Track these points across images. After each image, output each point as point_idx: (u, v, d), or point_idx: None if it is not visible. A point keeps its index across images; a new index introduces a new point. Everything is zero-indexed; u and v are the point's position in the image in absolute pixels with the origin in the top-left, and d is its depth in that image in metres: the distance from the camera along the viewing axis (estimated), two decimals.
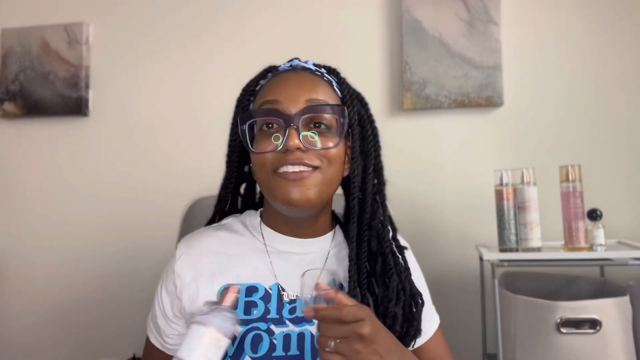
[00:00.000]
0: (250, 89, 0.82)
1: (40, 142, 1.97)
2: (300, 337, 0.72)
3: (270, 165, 0.73)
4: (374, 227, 0.78)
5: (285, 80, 0.77)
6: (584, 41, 1.68)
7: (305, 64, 0.81)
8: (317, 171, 0.72)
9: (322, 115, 0.74)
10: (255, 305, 0.74)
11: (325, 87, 0.78)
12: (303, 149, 0.71)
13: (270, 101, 0.74)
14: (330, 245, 0.82)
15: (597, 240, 1.35)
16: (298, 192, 0.71)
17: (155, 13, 1.93)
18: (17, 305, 1.93)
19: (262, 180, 0.76)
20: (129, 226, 1.87)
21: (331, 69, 0.82)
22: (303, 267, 0.76)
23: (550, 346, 1.24)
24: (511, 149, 1.69)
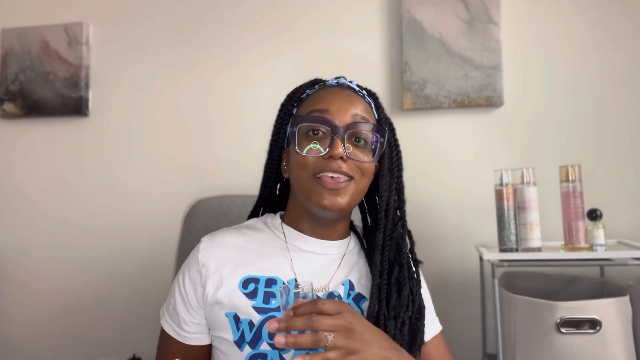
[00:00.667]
0: (296, 96, 0.90)
1: (40, 142, 1.97)
2: None
3: (312, 168, 0.80)
4: (394, 238, 0.86)
5: (334, 93, 0.85)
6: (584, 41, 1.68)
7: (350, 84, 0.89)
8: (352, 182, 0.80)
9: (364, 132, 0.82)
10: (274, 296, 0.80)
11: (367, 107, 0.87)
12: (345, 158, 0.78)
13: (320, 110, 0.82)
14: (345, 250, 0.90)
15: (597, 240, 1.35)
16: (333, 199, 0.79)
17: (156, 13, 1.92)
18: (17, 305, 1.93)
19: (301, 181, 0.82)
20: (130, 226, 1.87)
21: (371, 92, 0.91)
22: (320, 266, 0.85)
23: (550, 346, 1.24)
24: (511, 149, 1.69)
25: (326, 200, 0.78)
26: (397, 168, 0.90)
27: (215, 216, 1.30)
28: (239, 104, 1.82)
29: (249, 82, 1.82)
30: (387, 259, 0.84)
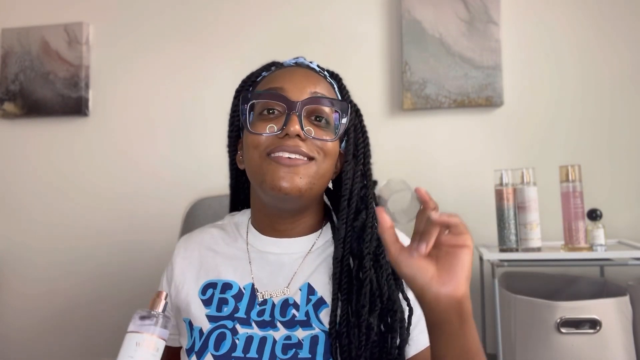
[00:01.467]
0: (251, 80, 0.83)
1: (40, 142, 1.97)
2: (262, 341, 0.72)
3: (265, 147, 0.71)
4: (355, 228, 0.75)
5: (291, 71, 0.77)
6: (584, 41, 1.68)
7: (310, 64, 0.82)
8: (313, 162, 0.72)
9: (324, 109, 0.74)
10: (227, 303, 0.75)
11: (328, 87, 0.79)
12: (303, 137, 0.70)
13: (275, 88, 0.74)
14: (311, 248, 0.79)
15: (597, 240, 1.35)
16: (290, 179, 0.69)
17: (156, 13, 1.92)
18: (17, 305, 1.93)
19: (253, 163, 0.73)
20: (130, 226, 1.87)
21: (334, 74, 0.83)
22: (279, 268, 0.77)
23: (550, 346, 1.24)
24: (511, 149, 1.69)
25: (282, 180, 0.69)
26: (364, 154, 0.80)
27: (215, 216, 1.30)
28: None
29: None
30: (348, 252, 0.74)
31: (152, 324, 0.65)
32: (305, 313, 0.73)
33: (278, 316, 0.73)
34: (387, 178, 0.65)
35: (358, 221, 0.76)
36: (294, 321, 0.73)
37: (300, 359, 0.69)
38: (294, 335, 0.71)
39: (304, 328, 0.72)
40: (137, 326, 0.65)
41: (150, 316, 0.65)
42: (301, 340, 0.71)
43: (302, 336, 0.71)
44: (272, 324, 0.73)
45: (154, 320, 0.65)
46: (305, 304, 0.74)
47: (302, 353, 0.70)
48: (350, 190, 0.77)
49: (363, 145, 0.81)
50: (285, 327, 0.72)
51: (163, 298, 0.67)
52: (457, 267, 0.59)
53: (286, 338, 0.71)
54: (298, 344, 0.71)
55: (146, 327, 0.65)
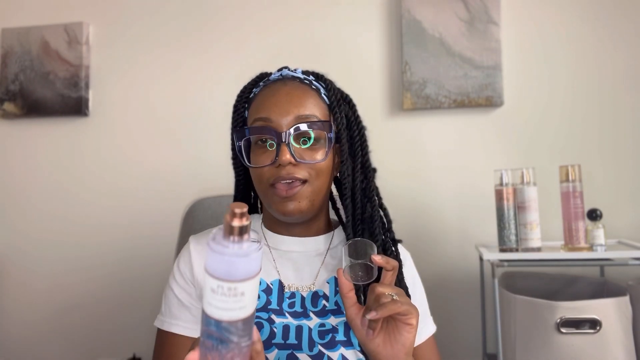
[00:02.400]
0: (245, 96, 0.88)
1: (40, 142, 1.97)
2: (299, 329, 0.76)
3: (267, 180, 0.78)
4: (365, 221, 0.82)
5: (275, 94, 0.81)
6: (584, 41, 1.68)
7: (295, 73, 0.85)
8: (307, 184, 0.78)
9: (309, 131, 0.79)
10: (258, 297, 0.78)
11: (314, 98, 0.82)
12: (294, 162, 0.76)
13: (263, 118, 0.79)
14: (329, 244, 0.86)
15: (597, 240, 1.35)
16: (292, 205, 0.77)
17: (155, 13, 1.92)
18: (18, 305, 1.93)
19: (260, 192, 0.82)
20: (129, 226, 1.87)
21: (319, 76, 0.86)
22: (304, 264, 0.83)
23: (550, 346, 1.24)
24: (511, 149, 1.69)
25: (284, 207, 0.78)
26: (361, 148, 0.84)
27: (214, 216, 1.30)
28: None
29: None
30: None
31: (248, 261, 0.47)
32: (334, 303, 0.80)
33: (310, 306, 0.79)
34: (354, 239, 0.75)
35: (365, 214, 0.82)
36: (325, 310, 0.79)
37: (338, 341, 0.76)
38: (327, 323, 0.77)
39: (336, 316, 0.78)
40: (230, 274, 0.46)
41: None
42: (335, 326, 0.77)
43: (335, 322, 0.78)
44: (305, 314, 0.78)
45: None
46: (334, 295, 0.80)
47: (339, 336, 0.76)
48: (352, 188, 0.82)
49: (359, 138, 0.84)
50: (318, 316, 0.78)
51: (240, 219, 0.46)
52: (398, 343, 0.70)
53: (320, 325, 0.77)
54: (333, 329, 0.77)
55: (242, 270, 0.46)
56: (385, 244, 0.82)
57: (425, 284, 0.93)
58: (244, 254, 0.46)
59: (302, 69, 0.86)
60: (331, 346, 0.75)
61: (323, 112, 0.81)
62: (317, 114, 0.80)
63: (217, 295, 0.46)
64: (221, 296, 0.46)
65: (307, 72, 0.86)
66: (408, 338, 0.69)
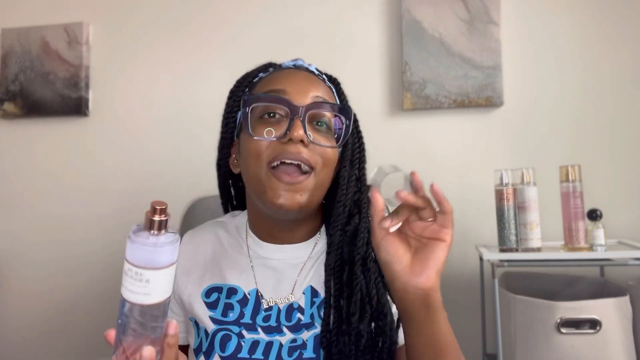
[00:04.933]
0: (247, 81, 0.80)
1: (40, 142, 1.97)
2: (268, 345, 0.72)
3: (266, 156, 0.69)
4: (348, 232, 0.74)
5: (291, 74, 0.75)
6: (584, 41, 1.68)
7: (309, 66, 0.80)
8: (312, 174, 0.70)
9: (326, 114, 0.72)
10: (232, 308, 0.75)
11: (328, 91, 0.78)
12: (306, 142, 0.68)
13: (277, 90, 0.71)
14: (311, 253, 0.80)
15: (597, 240, 1.35)
16: (290, 197, 0.69)
17: (155, 13, 1.92)
18: (17, 305, 1.93)
19: (254, 175, 0.71)
20: (129, 226, 1.86)
21: (332, 78, 0.82)
22: (282, 274, 0.77)
23: (550, 346, 1.24)
24: (511, 149, 1.69)
25: (282, 197, 0.68)
26: (359, 159, 0.79)
27: (214, 215, 1.30)
28: None
29: None
30: (339, 259, 0.73)
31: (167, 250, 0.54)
32: (310, 315, 0.74)
33: (284, 321, 0.74)
34: (378, 165, 0.67)
35: (350, 225, 0.75)
36: (299, 325, 0.73)
37: (305, 359, 0.70)
38: (299, 338, 0.72)
39: (309, 329, 0.73)
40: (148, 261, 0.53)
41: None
42: (305, 341, 0.72)
43: (306, 337, 0.72)
44: (278, 329, 0.73)
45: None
46: (310, 307, 0.75)
47: (307, 353, 0.71)
48: (345, 195, 0.76)
49: (359, 150, 0.80)
50: (291, 331, 0.73)
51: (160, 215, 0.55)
52: (430, 260, 0.62)
53: (292, 341, 0.72)
54: (302, 345, 0.72)
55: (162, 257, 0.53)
56: (367, 258, 0.73)
57: None
58: (155, 246, 0.52)
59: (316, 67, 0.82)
60: None
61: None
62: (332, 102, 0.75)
63: (127, 277, 0.53)
64: (130, 279, 0.53)
65: (320, 71, 0.82)
66: (440, 257, 0.62)
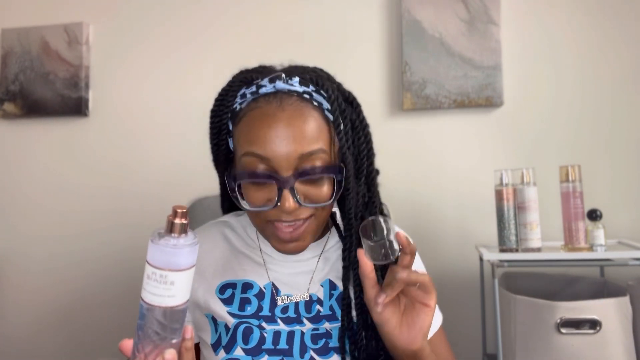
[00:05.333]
0: (227, 104, 0.76)
1: (40, 142, 1.97)
2: (290, 335, 0.74)
3: (264, 217, 0.70)
4: None
5: (271, 124, 0.67)
6: (584, 41, 1.68)
7: (291, 86, 0.70)
8: (311, 219, 0.71)
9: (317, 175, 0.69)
10: (249, 302, 0.76)
11: (316, 121, 0.69)
12: (298, 208, 0.68)
13: (258, 156, 0.67)
14: (323, 248, 0.82)
15: (597, 240, 1.35)
16: (294, 245, 0.71)
17: (155, 13, 1.93)
18: (18, 305, 1.93)
19: (256, 226, 0.75)
20: (129, 226, 1.87)
21: (319, 83, 0.71)
22: (296, 270, 0.79)
23: (550, 346, 1.24)
24: (511, 149, 1.69)
25: (287, 246, 0.71)
26: (367, 157, 0.74)
27: (214, 216, 1.30)
28: None
29: None
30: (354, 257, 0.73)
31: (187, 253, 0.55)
32: (329, 307, 0.76)
33: (303, 312, 0.75)
34: (371, 218, 0.69)
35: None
36: (319, 316, 0.75)
37: (331, 348, 0.72)
38: (321, 328, 0.74)
39: (331, 322, 0.75)
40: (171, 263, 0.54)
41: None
42: (329, 330, 0.74)
43: (329, 328, 0.74)
44: (298, 320, 0.75)
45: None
46: (329, 299, 0.76)
47: (332, 342, 0.73)
48: (355, 207, 0.73)
49: (365, 142, 0.74)
50: (312, 322, 0.75)
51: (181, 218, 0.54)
52: (416, 325, 0.67)
53: (314, 330, 0.74)
54: (327, 334, 0.73)
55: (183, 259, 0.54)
56: None
57: None
58: (177, 248, 0.52)
59: (300, 77, 0.70)
60: (324, 352, 0.72)
61: (327, 137, 0.69)
62: (322, 145, 0.68)
63: (151, 281, 0.54)
64: (154, 282, 0.54)
65: (305, 79, 0.71)
66: (425, 320, 0.66)
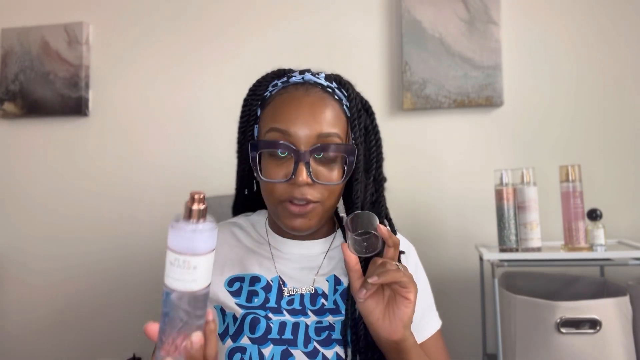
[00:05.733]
0: (259, 93, 0.85)
1: (40, 142, 1.97)
2: (295, 326, 0.77)
3: (278, 195, 0.76)
4: None
5: (296, 105, 0.77)
6: (584, 41, 1.68)
7: (317, 79, 0.81)
8: (319, 204, 0.77)
9: (331, 152, 0.77)
10: (257, 294, 0.80)
11: (336, 111, 0.79)
12: (311, 183, 0.75)
13: (281, 130, 0.76)
14: (329, 247, 0.86)
15: (597, 240, 1.35)
16: (301, 222, 0.77)
17: (155, 13, 1.93)
18: (17, 305, 1.93)
19: (269, 205, 0.80)
20: (129, 226, 1.87)
21: (342, 82, 0.83)
22: (303, 265, 0.83)
23: (550, 346, 1.24)
24: (511, 149, 1.69)
25: (295, 222, 0.77)
26: (376, 160, 0.83)
27: (215, 216, 1.30)
28: (240, 104, 1.82)
29: (251, 82, 1.82)
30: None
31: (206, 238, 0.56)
32: (333, 302, 0.80)
33: (308, 305, 0.79)
34: (355, 212, 0.74)
35: None
36: (323, 309, 0.79)
37: (334, 339, 0.76)
38: (325, 321, 0.78)
39: (335, 315, 0.78)
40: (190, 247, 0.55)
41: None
42: (332, 323, 0.77)
43: (333, 321, 0.78)
44: (303, 312, 0.79)
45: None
46: (333, 294, 0.80)
47: (335, 335, 0.76)
48: (362, 203, 0.80)
49: (375, 147, 0.83)
50: (316, 315, 0.78)
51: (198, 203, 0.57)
52: (397, 317, 0.70)
53: (317, 322, 0.78)
54: (330, 326, 0.77)
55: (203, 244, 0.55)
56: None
57: None
58: (198, 233, 0.54)
59: (325, 73, 0.83)
60: (327, 344, 0.76)
61: (343, 126, 0.79)
62: (338, 131, 0.77)
63: (174, 267, 0.53)
64: (177, 268, 0.53)
65: (330, 76, 0.83)
66: (406, 313, 0.69)
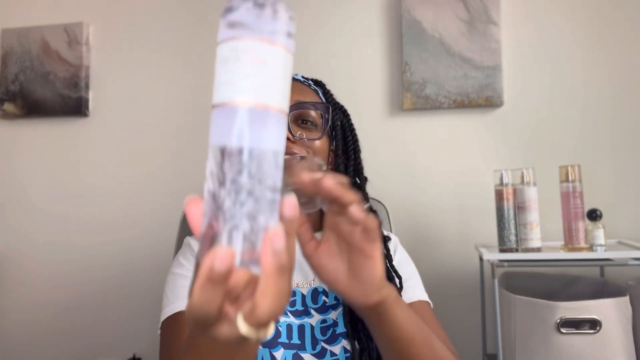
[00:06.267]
0: None
1: (40, 142, 1.97)
2: (301, 328, 0.78)
3: None
4: None
5: None
6: (584, 41, 1.68)
7: (295, 76, 0.89)
8: (304, 160, 0.80)
9: (310, 113, 0.83)
10: None
11: (313, 94, 0.88)
12: (292, 139, 0.79)
13: None
14: None
15: (597, 240, 1.35)
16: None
17: (155, 13, 1.93)
18: (18, 305, 1.93)
19: None
20: (129, 227, 1.87)
21: (317, 82, 0.92)
22: (301, 262, 0.81)
23: (550, 346, 1.24)
24: (511, 149, 1.69)
25: None
26: (354, 149, 0.90)
27: None
28: None
29: None
30: None
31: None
32: (334, 297, 0.81)
33: (310, 304, 0.80)
34: (301, 156, 0.72)
35: None
36: (325, 306, 0.80)
37: (338, 334, 0.77)
38: (328, 318, 0.79)
39: (335, 309, 0.80)
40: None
41: None
42: (335, 319, 0.79)
43: (335, 316, 0.79)
44: (306, 312, 0.79)
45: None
46: None
47: (339, 329, 0.78)
48: None
49: (352, 141, 0.90)
50: (319, 313, 0.79)
51: None
52: (364, 279, 0.56)
53: (322, 322, 0.79)
54: (333, 323, 0.78)
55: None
56: None
57: (425, 284, 0.93)
58: (270, 9, 0.31)
59: (302, 75, 0.91)
60: (332, 340, 0.77)
61: (322, 108, 0.87)
62: (317, 105, 0.85)
63: (229, 64, 0.32)
64: (235, 62, 0.31)
65: (307, 77, 0.91)
66: (372, 273, 0.55)
